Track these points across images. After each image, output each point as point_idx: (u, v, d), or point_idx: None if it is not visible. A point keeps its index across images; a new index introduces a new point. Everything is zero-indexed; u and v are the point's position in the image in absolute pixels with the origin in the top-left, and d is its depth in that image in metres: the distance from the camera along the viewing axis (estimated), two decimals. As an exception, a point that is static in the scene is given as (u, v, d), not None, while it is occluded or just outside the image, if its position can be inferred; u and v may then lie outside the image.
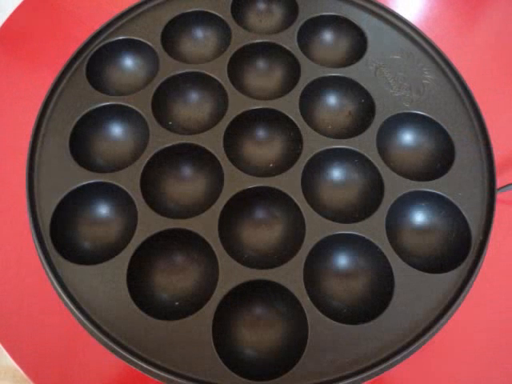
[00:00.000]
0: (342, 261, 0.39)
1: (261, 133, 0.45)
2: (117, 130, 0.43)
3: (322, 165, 0.42)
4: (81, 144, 0.41)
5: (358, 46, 0.48)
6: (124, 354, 0.31)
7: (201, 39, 0.50)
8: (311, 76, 0.44)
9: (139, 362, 0.31)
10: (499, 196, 0.47)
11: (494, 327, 0.43)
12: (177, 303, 0.36)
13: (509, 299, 0.44)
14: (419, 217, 0.40)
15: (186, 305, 0.36)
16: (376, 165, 0.40)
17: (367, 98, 0.44)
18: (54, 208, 0.37)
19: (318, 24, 0.49)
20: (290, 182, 0.39)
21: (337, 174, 0.42)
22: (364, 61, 0.46)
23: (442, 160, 0.42)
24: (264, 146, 0.44)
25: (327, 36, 0.50)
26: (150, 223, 0.36)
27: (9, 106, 0.54)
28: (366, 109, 0.44)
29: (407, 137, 0.44)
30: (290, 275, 0.35)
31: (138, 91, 0.43)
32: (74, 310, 0.33)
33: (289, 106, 0.42)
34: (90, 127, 0.42)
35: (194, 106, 0.46)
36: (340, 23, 0.49)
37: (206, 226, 0.36)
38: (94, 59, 0.44)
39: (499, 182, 0.41)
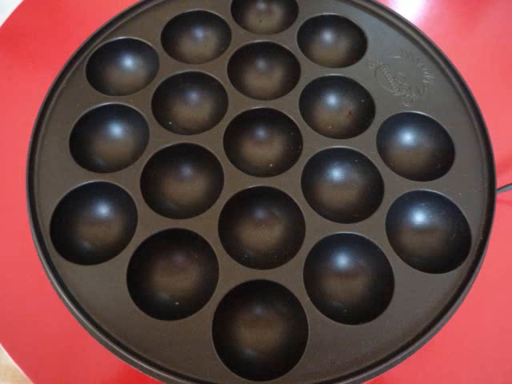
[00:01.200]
0: (342, 261, 0.39)
1: (261, 133, 0.45)
2: (117, 130, 0.43)
3: (322, 165, 0.42)
4: (81, 144, 0.41)
5: (358, 46, 0.48)
6: (124, 353, 0.31)
7: (201, 39, 0.50)
8: (311, 76, 0.44)
9: (139, 362, 0.31)
10: (499, 196, 0.47)
11: (493, 327, 0.43)
12: (177, 303, 0.36)
13: (509, 299, 0.44)
14: (419, 217, 0.40)
15: (185, 305, 0.36)
16: (376, 165, 0.40)
17: (367, 98, 0.44)
18: (54, 208, 0.37)
19: (318, 24, 0.49)
20: (290, 182, 0.39)
21: (337, 174, 0.42)
22: (364, 61, 0.46)
23: (442, 160, 0.42)
24: (264, 146, 0.44)
25: (327, 36, 0.50)
26: (149, 223, 0.36)
27: (9, 106, 0.54)
28: (366, 109, 0.44)
29: (407, 137, 0.44)
30: (290, 275, 0.35)
31: (137, 91, 0.43)
32: (74, 310, 0.33)
33: (289, 106, 0.42)
34: (89, 127, 0.42)
35: (194, 105, 0.46)
36: (340, 23, 0.49)
37: (205, 225, 0.36)
38: (94, 59, 0.44)
39: (499, 182, 0.41)
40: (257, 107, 0.42)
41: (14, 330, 0.41)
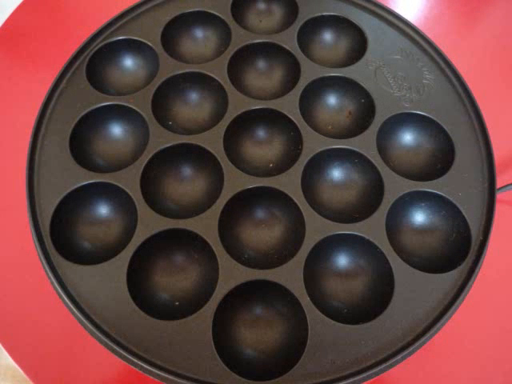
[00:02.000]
0: (342, 261, 0.39)
1: (261, 133, 0.45)
2: (117, 130, 0.43)
3: (322, 165, 0.42)
4: (81, 144, 0.41)
5: (358, 46, 0.48)
6: (124, 353, 0.31)
7: (201, 39, 0.50)
8: (311, 76, 0.44)
9: (139, 362, 0.31)
10: (499, 196, 0.47)
11: (493, 327, 0.43)
12: (177, 303, 0.36)
13: (509, 299, 0.44)
14: (419, 217, 0.40)
15: (185, 305, 0.36)
16: (376, 165, 0.40)
17: (367, 98, 0.44)
18: (54, 208, 0.37)
19: (318, 24, 0.49)
20: (290, 182, 0.39)
21: (337, 174, 0.42)
22: (364, 61, 0.46)
23: (442, 160, 0.42)
24: (264, 146, 0.44)
25: (327, 36, 0.50)
26: (149, 223, 0.36)
27: (9, 106, 0.54)
28: (366, 109, 0.44)
29: (407, 137, 0.44)
30: (290, 275, 0.35)
31: (138, 91, 0.43)
32: (74, 310, 0.33)
33: (289, 105, 0.42)
34: (89, 127, 0.42)
35: (194, 105, 0.46)
36: (340, 23, 0.49)
37: (205, 225, 0.36)
38: (94, 59, 0.44)
39: (499, 182, 0.41)
40: (257, 107, 0.42)
41: (14, 329, 0.41)
